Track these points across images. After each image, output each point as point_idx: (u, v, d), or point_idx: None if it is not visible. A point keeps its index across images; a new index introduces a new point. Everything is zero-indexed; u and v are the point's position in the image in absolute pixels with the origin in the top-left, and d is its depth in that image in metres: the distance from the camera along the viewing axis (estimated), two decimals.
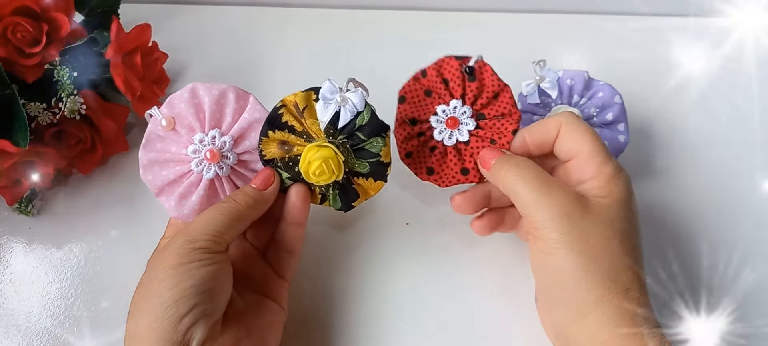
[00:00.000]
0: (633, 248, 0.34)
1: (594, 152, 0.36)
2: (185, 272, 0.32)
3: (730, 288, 0.42)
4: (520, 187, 0.35)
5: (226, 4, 0.60)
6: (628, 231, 0.34)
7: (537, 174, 0.36)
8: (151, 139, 0.36)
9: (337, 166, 0.36)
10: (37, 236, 0.44)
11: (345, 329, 0.40)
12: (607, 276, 0.33)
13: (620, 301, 0.32)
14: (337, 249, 0.44)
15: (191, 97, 0.36)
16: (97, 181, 0.47)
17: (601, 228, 0.33)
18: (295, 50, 0.56)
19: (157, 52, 0.50)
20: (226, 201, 0.36)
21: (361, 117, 0.36)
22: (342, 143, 0.37)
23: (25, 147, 0.40)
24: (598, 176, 0.35)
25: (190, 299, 0.31)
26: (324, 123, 0.37)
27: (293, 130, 0.37)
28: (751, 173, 0.48)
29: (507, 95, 0.40)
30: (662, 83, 0.53)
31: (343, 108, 0.36)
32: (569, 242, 0.33)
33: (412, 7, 0.59)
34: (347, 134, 0.37)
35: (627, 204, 0.35)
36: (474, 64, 0.40)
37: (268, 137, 0.37)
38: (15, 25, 0.41)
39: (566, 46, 0.56)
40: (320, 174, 0.36)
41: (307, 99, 0.37)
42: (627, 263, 0.33)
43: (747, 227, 0.45)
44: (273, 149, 0.37)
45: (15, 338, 0.40)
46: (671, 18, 0.59)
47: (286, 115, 0.37)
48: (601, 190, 0.35)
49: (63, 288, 0.42)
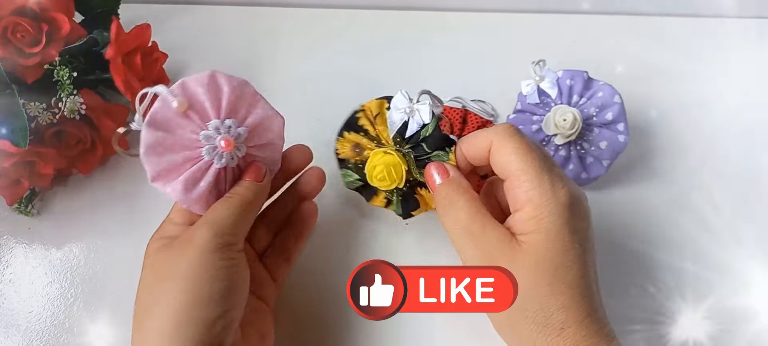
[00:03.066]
0: (566, 285, 0.31)
1: (521, 175, 0.32)
2: (221, 270, 0.31)
3: (731, 288, 0.42)
4: (450, 228, 0.34)
5: (226, 4, 0.60)
6: (561, 267, 0.31)
7: (468, 215, 0.33)
8: (158, 120, 0.33)
9: (399, 174, 0.37)
10: (37, 236, 0.44)
11: (344, 330, 0.40)
12: (537, 322, 0.31)
13: (554, 342, 0.31)
14: (337, 249, 0.44)
15: (210, 83, 0.34)
16: (97, 181, 0.47)
17: (528, 275, 0.31)
18: (296, 50, 0.56)
19: (157, 52, 0.50)
20: (233, 195, 0.34)
21: (425, 129, 0.37)
22: (407, 153, 0.38)
23: (25, 147, 0.40)
24: (525, 206, 0.32)
25: (222, 302, 0.30)
26: (392, 131, 0.38)
27: (368, 133, 0.39)
28: (752, 172, 0.48)
29: (471, 116, 0.47)
30: (662, 83, 0.53)
31: (411, 119, 0.37)
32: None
33: (412, 8, 0.59)
34: (413, 144, 0.38)
35: (557, 235, 0.32)
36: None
37: (343, 137, 0.39)
38: (15, 25, 0.41)
39: (566, 46, 0.56)
40: (382, 179, 0.37)
41: (381, 106, 0.39)
42: (559, 304, 0.31)
43: (747, 226, 0.45)
44: (347, 150, 0.39)
45: (15, 338, 0.40)
46: (671, 18, 0.59)
47: (363, 119, 0.39)
48: (527, 223, 0.32)
49: (63, 288, 0.42)
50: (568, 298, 0.31)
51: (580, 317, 0.31)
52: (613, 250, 0.44)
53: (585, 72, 0.46)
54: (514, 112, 0.48)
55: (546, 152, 0.35)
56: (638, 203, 0.46)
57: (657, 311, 0.41)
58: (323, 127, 0.49)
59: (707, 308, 0.41)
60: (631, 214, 0.46)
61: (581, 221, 0.33)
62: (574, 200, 0.33)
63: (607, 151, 0.45)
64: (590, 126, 0.45)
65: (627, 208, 0.46)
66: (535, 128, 0.46)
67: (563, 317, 0.31)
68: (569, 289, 0.31)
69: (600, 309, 0.33)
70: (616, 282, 0.42)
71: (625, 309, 0.41)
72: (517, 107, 0.48)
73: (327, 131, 0.48)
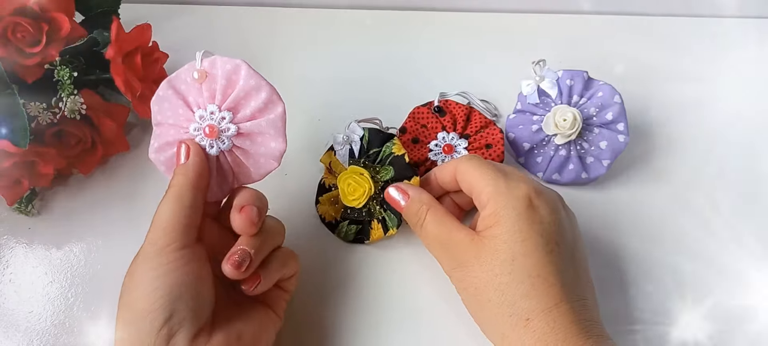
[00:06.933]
0: (525, 273, 0.33)
1: (479, 181, 0.36)
2: (155, 279, 0.31)
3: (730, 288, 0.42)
4: (423, 240, 0.39)
5: (226, 4, 0.60)
6: (520, 255, 0.33)
7: (435, 226, 0.37)
8: (179, 78, 0.37)
9: (362, 177, 0.41)
10: (37, 236, 0.44)
11: (342, 330, 0.40)
12: (501, 311, 0.33)
13: (521, 333, 0.32)
14: (336, 248, 0.44)
15: (231, 71, 0.35)
16: (97, 181, 0.47)
17: (488, 266, 0.34)
18: (295, 50, 0.56)
19: (157, 52, 0.50)
20: (168, 188, 0.34)
21: (364, 138, 0.43)
22: (363, 164, 0.42)
23: (25, 147, 0.40)
24: (486, 205, 0.36)
25: (167, 308, 0.30)
26: (346, 163, 0.43)
27: (334, 186, 0.44)
28: (752, 172, 0.48)
29: (476, 114, 0.47)
30: (662, 83, 0.53)
31: (353, 143, 0.43)
32: (464, 289, 0.36)
33: (412, 8, 0.59)
34: (364, 157, 0.43)
35: (514, 227, 0.34)
36: (438, 103, 0.47)
37: (319, 203, 0.44)
38: (15, 25, 0.41)
39: (566, 46, 0.56)
40: (354, 191, 0.41)
41: (329, 156, 0.44)
42: (521, 292, 0.32)
43: (747, 227, 0.45)
44: (329, 210, 0.44)
45: (15, 338, 0.40)
46: (672, 18, 0.59)
47: (327, 180, 0.45)
48: (488, 219, 0.35)
49: (63, 288, 0.42)
50: (529, 286, 0.32)
51: (546, 307, 0.32)
52: (613, 249, 0.44)
53: (585, 72, 0.46)
54: (514, 112, 0.48)
55: (508, 167, 0.38)
56: (638, 203, 0.46)
57: (656, 311, 0.41)
58: (323, 128, 0.50)
59: (707, 307, 0.41)
60: (631, 214, 0.46)
61: (545, 214, 0.34)
62: (535, 195, 0.35)
63: (607, 151, 0.45)
64: (590, 126, 0.45)
65: (627, 208, 0.46)
66: (535, 128, 0.46)
67: (527, 306, 0.32)
68: (529, 278, 0.33)
69: (576, 301, 0.33)
70: (615, 281, 0.42)
71: (624, 309, 0.41)
72: (517, 107, 0.48)
73: (326, 131, 0.49)
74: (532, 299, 0.32)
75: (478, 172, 0.37)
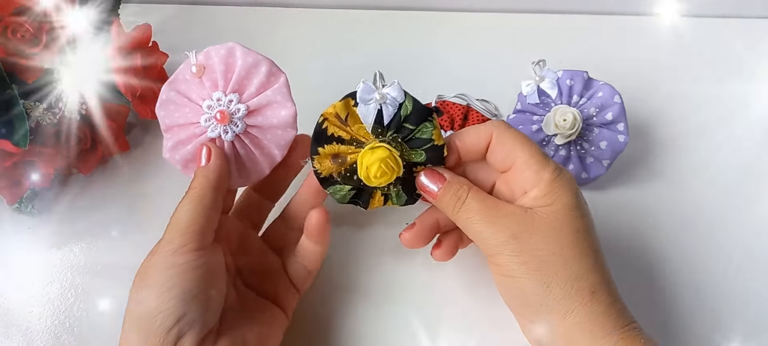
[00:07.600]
0: (590, 247, 0.33)
1: (529, 159, 0.34)
2: (170, 279, 0.31)
3: (730, 289, 0.42)
4: (466, 221, 0.35)
5: (226, 4, 0.60)
6: (582, 230, 0.34)
7: (479, 202, 0.35)
8: (178, 80, 0.37)
9: (396, 162, 0.35)
10: (37, 236, 0.44)
11: (343, 330, 0.40)
12: (569, 285, 0.32)
13: (588, 307, 0.32)
14: (336, 249, 0.44)
15: (227, 56, 0.36)
16: (97, 181, 0.47)
17: (552, 238, 0.33)
18: (295, 50, 0.56)
19: (157, 52, 0.50)
20: (189, 189, 0.34)
21: (404, 108, 0.36)
22: (393, 139, 0.36)
23: (25, 147, 0.40)
24: (538, 184, 0.34)
25: (180, 308, 0.30)
26: (370, 125, 0.36)
27: (342, 140, 0.36)
28: (752, 172, 0.48)
29: (473, 113, 0.47)
30: (662, 83, 0.53)
31: (384, 105, 0.35)
32: (523, 262, 0.33)
33: (413, 8, 0.59)
34: (395, 128, 0.36)
35: (574, 205, 0.34)
36: (436, 104, 0.47)
37: (318, 154, 0.36)
38: (15, 25, 0.41)
39: (566, 46, 0.56)
40: (381, 175, 0.35)
41: (347, 106, 0.36)
42: (587, 265, 0.33)
43: (747, 227, 0.45)
44: (327, 165, 0.37)
45: (15, 338, 0.40)
46: (672, 18, 0.59)
47: (331, 128, 0.36)
48: (544, 198, 0.34)
49: (63, 288, 0.42)
50: (594, 260, 0.33)
51: (605, 279, 0.33)
52: (613, 250, 0.43)
53: (585, 72, 0.46)
54: (514, 112, 0.48)
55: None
56: (638, 203, 0.46)
57: (656, 311, 0.41)
58: None
59: (707, 308, 0.41)
60: (631, 214, 0.46)
61: (583, 201, 0.35)
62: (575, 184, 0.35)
63: (607, 151, 0.45)
64: (590, 126, 0.45)
65: (627, 208, 0.46)
66: (535, 128, 0.46)
67: (593, 280, 0.32)
68: (593, 252, 0.33)
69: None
70: (615, 282, 0.42)
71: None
72: (517, 107, 0.48)
73: None
74: (597, 273, 0.33)
75: (526, 150, 0.35)
